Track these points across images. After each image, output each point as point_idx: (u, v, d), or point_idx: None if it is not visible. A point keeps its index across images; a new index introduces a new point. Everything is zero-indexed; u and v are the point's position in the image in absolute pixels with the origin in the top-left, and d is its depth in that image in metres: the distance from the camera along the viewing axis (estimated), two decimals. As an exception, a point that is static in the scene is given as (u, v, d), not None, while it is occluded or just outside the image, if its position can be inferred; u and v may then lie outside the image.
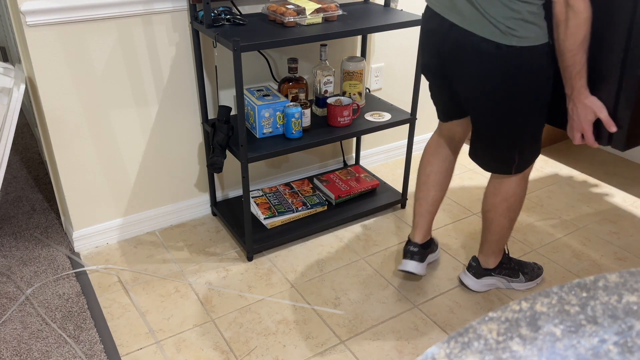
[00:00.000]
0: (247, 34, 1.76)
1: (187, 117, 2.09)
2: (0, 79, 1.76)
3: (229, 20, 1.85)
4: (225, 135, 1.89)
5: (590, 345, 0.45)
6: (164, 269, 1.99)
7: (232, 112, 2.18)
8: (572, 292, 0.50)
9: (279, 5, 1.91)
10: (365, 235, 2.19)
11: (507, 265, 1.87)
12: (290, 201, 2.22)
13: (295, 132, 1.94)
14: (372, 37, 2.40)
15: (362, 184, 2.35)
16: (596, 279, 0.52)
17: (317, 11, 1.88)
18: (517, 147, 1.60)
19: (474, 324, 0.47)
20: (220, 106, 1.92)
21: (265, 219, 2.12)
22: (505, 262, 1.87)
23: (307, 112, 1.99)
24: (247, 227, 1.96)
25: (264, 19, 1.95)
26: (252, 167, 2.35)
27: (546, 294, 0.50)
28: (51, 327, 1.72)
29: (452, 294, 1.89)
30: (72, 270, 1.97)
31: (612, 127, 1.40)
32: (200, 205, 2.27)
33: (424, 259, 1.88)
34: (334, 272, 1.98)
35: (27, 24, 1.67)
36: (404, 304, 1.84)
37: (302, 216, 2.18)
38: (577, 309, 0.48)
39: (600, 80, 1.39)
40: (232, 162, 2.29)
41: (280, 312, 1.79)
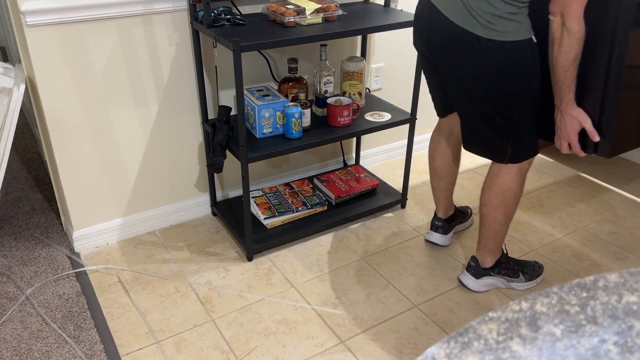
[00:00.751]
0: (247, 34, 1.76)
1: (187, 117, 2.09)
2: (0, 79, 1.76)
3: (229, 20, 1.85)
4: (225, 135, 1.89)
5: (590, 345, 0.45)
6: (164, 269, 1.99)
7: (232, 112, 2.18)
8: (572, 292, 0.50)
9: (279, 5, 1.91)
10: (365, 235, 2.19)
11: (506, 265, 1.87)
12: (290, 201, 2.22)
13: (295, 132, 1.94)
14: (372, 37, 2.40)
15: (362, 184, 2.35)
16: (596, 279, 0.52)
17: (317, 11, 1.88)
18: (508, 138, 1.62)
19: (474, 324, 0.47)
20: (220, 106, 1.92)
21: (265, 219, 2.12)
22: (504, 262, 1.87)
23: (307, 112, 1.99)
24: (247, 227, 1.96)
25: (264, 19, 1.95)
26: (252, 167, 2.35)
27: (546, 294, 0.50)
28: (51, 327, 1.72)
29: (452, 294, 1.89)
30: (72, 270, 1.97)
31: (596, 137, 1.50)
32: (200, 205, 2.27)
33: (448, 232, 2.10)
34: (334, 272, 1.98)
35: (27, 24, 1.67)
36: (404, 304, 1.84)
37: (302, 216, 2.18)
38: (577, 309, 0.48)
39: (585, 93, 1.50)
40: (232, 162, 2.29)
41: (280, 312, 1.79)
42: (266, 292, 1.88)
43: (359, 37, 2.36)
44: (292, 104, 1.93)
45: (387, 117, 2.14)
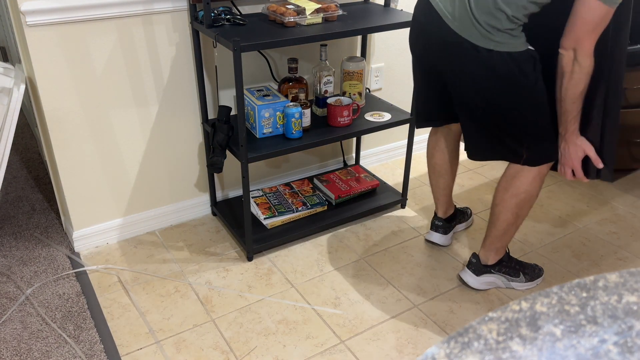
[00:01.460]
0: (247, 34, 1.76)
1: (187, 117, 2.09)
2: (0, 79, 1.76)
3: (229, 20, 1.85)
4: (225, 135, 1.89)
5: (590, 345, 0.45)
6: (164, 269, 1.99)
7: (232, 112, 2.18)
8: (572, 292, 0.50)
9: (279, 5, 1.91)
10: (365, 235, 2.19)
11: (508, 264, 1.87)
12: (290, 201, 2.22)
13: (295, 132, 1.94)
14: (372, 37, 2.40)
15: (362, 184, 2.35)
16: (596, 279, 0.52)
17: (317, 11, 1.88)
18: (522, 142, 1.61)
19: (474, 324, 0.47)
20: (220, 106, 1.92)
21: (265, 219, 2.12)
22: (505, 260, 1.87)
23: (307, 112, 1.99)
24: (247, 227, 1.96)
25: (264, 19, 1.95)
26: (252, 167, 2.35)
27: (546, 294, 0.50)
28: (51, 327, 1.72)
29: (452, 294, 1.89)
30: (72, 270, 1.97)
31: (599, 164, 1.59)
32: (200, 205, 2.27)
33: (448, 232, 2.10)
34: (334, 272, 1.98)
35: (27, 24, 1.67)
36: (404, 304, 1.84)
37: (302, 216, 2.18)
38: (577, 309, 0.48)
39: (587, 122, 1.59)
40: (232, 162, 2.29)
41: (280, 312, 1.79)
42: (266, 292, 1.88)
43: (359, 37, 2.36)
44: (292, 104, 1.93)
45: (387, 117, 2.14)
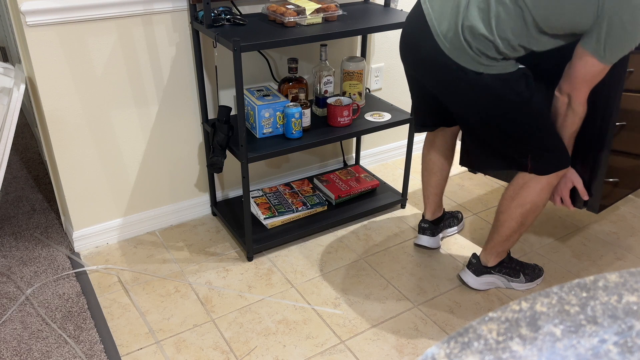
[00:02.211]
0: (247, 34, 1.76)
1: (187, 117, 2.09)
2: (0, 79, 1.76)
3: (229, 20, 1.85)
4: (225, 135, 1.89)
5: (590, 345, 0.45)
6: (164, 269, 1.99)
7: (232, 112, 2.18)
8: (572, 292, 0.50)
9: (279, 5, 1.91)
10: (365, 235, 2.19)
11: (508, 264, 1.87)
12: (290, 201, 2.22)
13: (295, 132, 1.94)
14: (372, 37, 2.40)
15: (362, 184, 2.35)
16: (596, 279, 0.52)
17: (317, 11, 1.88)
18: (526, 153, 1.60)
19: (474, 324, 0.47)
20: (220, 106, 1.92)
21: (265, 219, 2.12)
22: (506, 261, 1.87)
23: (307, 112, 1.99)
24: (247, 227, 1.96)
25: (264, 19, 1.95)
26: (252, 167, 2.35)
27: (546, 294, 0.50)
28: (51, 327, 1.72)
29: (452, 294, 1.89)
30: (72, 270, 1.97)
31: (585, 196, 1.70)
32: (200, 205, 2.27)
33: (436, 234, 2.08)
34: (334, 272, 1.98)
35: (27, 24, 1.67)
36: (404, 304, 1.84)
37: (302, 216, 2.18)
38: (577, 309, 0.48)
39: (577, 156, 1.70)
40: (232, 162, 2.29)
41: (280, 312, 1.79)
42: (266, 292, 1.88)
43: (359, 37, 2.36)
44: (292, 104, 1.93)
45: (387, 117, 2.14)
